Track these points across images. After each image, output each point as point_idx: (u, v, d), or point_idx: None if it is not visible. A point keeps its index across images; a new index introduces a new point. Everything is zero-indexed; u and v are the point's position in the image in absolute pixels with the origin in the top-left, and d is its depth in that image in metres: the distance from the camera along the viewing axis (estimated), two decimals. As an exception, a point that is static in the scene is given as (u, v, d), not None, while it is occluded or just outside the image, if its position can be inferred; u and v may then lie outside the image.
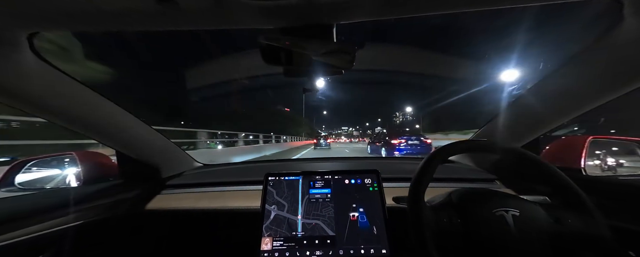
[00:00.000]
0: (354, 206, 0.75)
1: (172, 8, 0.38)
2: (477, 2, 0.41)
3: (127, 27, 0.46)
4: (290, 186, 0.80)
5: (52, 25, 0.45)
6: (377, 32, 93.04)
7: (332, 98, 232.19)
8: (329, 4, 0.39)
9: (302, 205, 0.76)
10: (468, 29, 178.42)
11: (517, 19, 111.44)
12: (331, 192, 0.78)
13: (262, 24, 0.46)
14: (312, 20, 0.44)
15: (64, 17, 0.42)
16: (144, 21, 0.43)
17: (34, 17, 0.42)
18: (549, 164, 0.60)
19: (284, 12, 0.41)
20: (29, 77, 0.55)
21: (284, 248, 0.70)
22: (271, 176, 0.81)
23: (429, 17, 0.44)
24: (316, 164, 1.28)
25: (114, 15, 0.41)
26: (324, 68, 0.50)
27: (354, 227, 0.72)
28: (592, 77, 0.61)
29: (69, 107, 0.67)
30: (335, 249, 0.69)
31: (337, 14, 0.43)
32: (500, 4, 0.41)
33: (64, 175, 0.99)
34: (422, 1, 0.40)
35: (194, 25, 0.47)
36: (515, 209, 0.56)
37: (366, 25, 0.48)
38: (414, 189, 0.58)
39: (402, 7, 0.41)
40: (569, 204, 0.57)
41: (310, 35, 0.45)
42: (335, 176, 0.81)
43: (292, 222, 0.74)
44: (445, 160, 0.61)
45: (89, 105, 0.70)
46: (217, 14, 0.41)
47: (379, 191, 0.77)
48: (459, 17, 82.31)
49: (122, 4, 0.38)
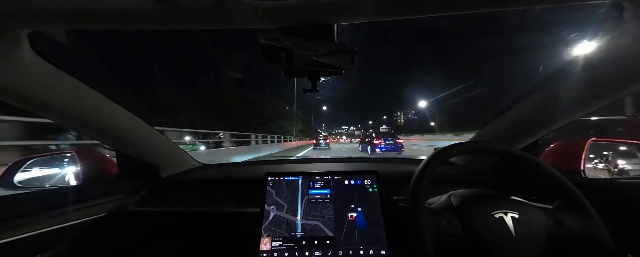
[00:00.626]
0: (353, 207, 0.75)
1: (172, 7, 0.38)
2: (478, 3, 0.41)
3: (126, 26, 0.46)
4: (290, 186, 0.80)
5: (53, 23, 0.45)
6: (380, 32, 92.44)
7: (333, 96, 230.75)
8: (330, 5, 0.39)
9: (302, 205, 0.76)
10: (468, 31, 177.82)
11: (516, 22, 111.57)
12: (331, 193, 0.78)
13: (263, 23, 0.46)
14: (312, 20, 0.44)
15: (64, 16, 0.42)
16: (143, 20, 0.43)
17: (35, 15, 0.42)
18: (548, 166, 0.60)
19: (284, 12, 0.41)
20: (29, 76, 0.55)
21: (283, 248, 0.70)
22: (271, 176, 0.81)
23: (431, 18, 0.45)
24: (316, 164, 1.28)
25: (114, 14, 0.41)
26: (325, 68, 0.50)
27: (353, 227, 0.72)
28: (592, 79, 0.61)
29: (69, 106, 0.67)
30: (335, 250, 0.69)
31: (338, 15, 0.43)
32: (500, 6, 0.41)
33: (63, 173, 0.99)
34: (423, 3, 0.40)
35: (194, 25, 0.47)
36: (514, 211, 0.56)
37: (369, 24, 0.48)
38: (414, 190, 0.58)
39: (403, 8, 0.42)
40: (568, 206, 0.57)
41: (311, 35, 0.45)
42: (335, 177, 0.81)
43: (291, 222, 0.74)
44: (445, 161, 0.61)
45: (89, 103, 0.70)
46: (217, 13, 0.41)
47: (378, 192, 0.77)
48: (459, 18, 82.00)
49: (122, 3, 0.38)
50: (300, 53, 0.45)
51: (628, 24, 0.48)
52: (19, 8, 0.40)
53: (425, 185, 0.58)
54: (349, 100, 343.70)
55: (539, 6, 0.43)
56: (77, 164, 0.92)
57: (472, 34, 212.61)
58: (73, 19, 0.43)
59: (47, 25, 0.47)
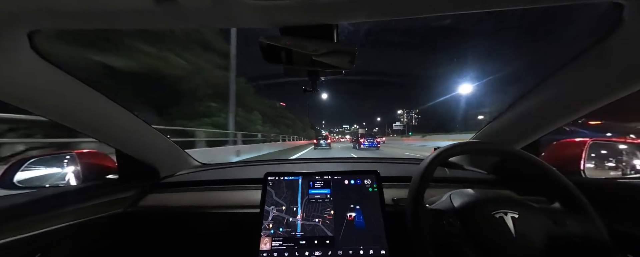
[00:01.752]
0: (353, 207, 0.75)
1: (171, 7, 0.38)
2: (478, 3, 0.41)
3: (126, 26, 0.46)
4: (290, 186, 0.80)
5: (52, 23, 0.45)
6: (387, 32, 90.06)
7: (334, 94, 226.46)
8: (330, 4, 0.39)
9: (302, 205, 0.76)
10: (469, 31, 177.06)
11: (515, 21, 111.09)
12: (331, 193, 0.78)
13: (263, 23, 0.46)
14: (313, 20, 0.44)
15: (64, 16, 0.42)
16: (143, 20, 0.43)
17: (34, 15, 0.42)
18: (548, 166, 0.60)
19: (284, 12, 0.41)
20: (28, 75, 0.55)
21: (283, 248, 0.70)
22: (271, 176, 0.81)
23: (432, 17, 0.44)
24: (316, 164, 1.28)
25: (114, 14, 0.41)
26: (325, 68, 0.50)
27: (353, 227, 0.72)
28: (591, 79, 0.61)
29: (69, 105, 0.67)
30: (334, 250, 0.69)
31: (338, 14, 0.43)
32: (500, 5, 0.41)
33: (63, 173, 0.99)
34: (424, 2, 0.40)
35: (193, 24, 0.47)
36: (514, 211, 0.56)
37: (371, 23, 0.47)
38: (414, 190, 0.58)
39: (403, 8, 0.41)
40: (568, 206, 0.57)
41: (311, 35, 0.45)
42: (335, 177, 0.81)
43: (291, 222, 0.74)
44: (445, 162, 0.62)
45: (89, 103, 0.70)
46: (217, 13, 0.41)
47: (378, 192, 0.77)
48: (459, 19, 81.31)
49: (122, 3, 0.38)
50: (300, 53, 0.45)
51: (628, 23, 0.48)
52: (19, 8, 0.39)
53: (425, 185, 0.58)
54: (350, 99, 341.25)
55: (539, 5, 0.43)
56: (77, 164, 0.92)
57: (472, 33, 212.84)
58: (73, 19, 0.43)
59: (46, 25, 0.47)
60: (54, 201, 0.71)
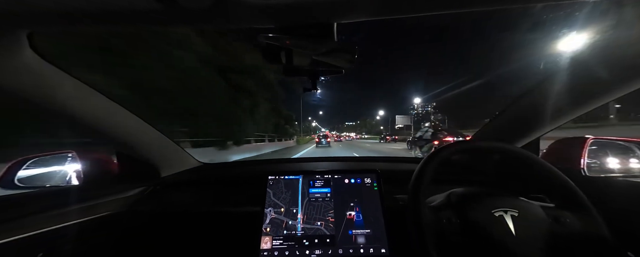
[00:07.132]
0: (354, 206, 0.75)
1: (171, 7, 0.38)
2: (478, 2, 0.41)
3: (126, 26, 0.46)
4: (290, 186, 0.80)
5: (52, 24, 0.45)
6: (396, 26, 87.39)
7: (334, 93, 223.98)
8: (330, 3, 0.39)
9: (302, 204, 0.76)
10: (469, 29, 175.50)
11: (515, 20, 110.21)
12: (331, 192, 0.78)
13: (262, 23, 0.46)
14: (312, 19, 0.44)
15: (64, 16, 0.42)
16: (143, 20, 0.43)
17: (35, 15, 0.42)
18: (548, 164, 0.60)
19: (284, 11, 0.41)
20: (29, 75, 0.55)
21: (284, 247, 0.70)
22: (271, 175, 0.82)
23: (433, 16, 0.44)
24: (316, 163, 1.28)
25: (114, 14, 0.41)
26: (324, 67, 0.50)
27: (353, 226, 0.73)
28: (592, 77, 0.61)
29: (69, 105, 0.67)
30: (335, 249, 0.70)
31: (337, 13, 0.43)
32: (500, 4, 0.41)
33: (64, 173, 0.99)
34: (424, 1, 0.40)
35: (193, 25, 0.48)
36: (514, 210, 0.56)
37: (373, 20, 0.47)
38: (414, 188, 0.58)
39: (403, 7, 0.41)
40: (567, 205, 0.57)
41: (310, 34, 0.45)
42: (335, 176, 0.81)
43: (291, 221, 0.74)
44: (445, 160, 0.62)
45: (89, 103, 0.70)
46: (217, 13, 0.41)
47: (378, 191, 0.78)
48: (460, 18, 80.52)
49: (122, 3, 0.38)
50: (300, 52, 0.45)
51: (628, 22, 0.48)
52: (19, 8, 0.40)
53: (426, 183, 0.58)
54: (351, 97, 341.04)
55: (540, 4, 0.43)
56: (77, 164, 0.93)
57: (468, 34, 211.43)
58: (73, 19, 0.43)
59: (47, 25, 0.47)
60: (55, 201, 0.72)
